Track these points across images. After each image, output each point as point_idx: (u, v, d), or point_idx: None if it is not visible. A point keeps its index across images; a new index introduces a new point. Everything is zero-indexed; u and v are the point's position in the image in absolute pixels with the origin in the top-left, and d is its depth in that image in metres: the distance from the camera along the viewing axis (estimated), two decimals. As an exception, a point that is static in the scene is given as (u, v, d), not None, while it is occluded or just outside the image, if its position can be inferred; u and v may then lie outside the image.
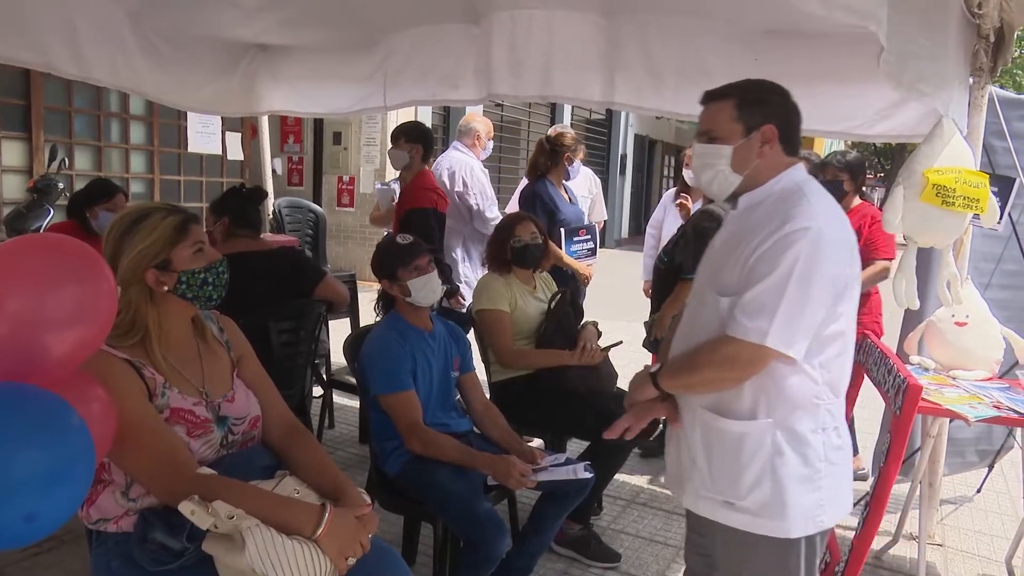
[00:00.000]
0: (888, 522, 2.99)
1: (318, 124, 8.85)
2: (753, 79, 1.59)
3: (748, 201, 1.56)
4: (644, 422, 1.66)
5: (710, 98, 1.59)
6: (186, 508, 1.34)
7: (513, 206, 4.16)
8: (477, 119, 4.23)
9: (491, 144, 4.18)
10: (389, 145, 3.80)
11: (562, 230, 3.69)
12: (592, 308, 4.22)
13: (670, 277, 3.07)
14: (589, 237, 3.74)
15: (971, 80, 2.52)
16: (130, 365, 1.51)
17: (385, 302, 2.45)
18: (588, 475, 2.27)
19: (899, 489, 2.99)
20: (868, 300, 3.39)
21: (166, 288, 1.58)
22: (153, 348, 1.57)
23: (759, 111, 1.52)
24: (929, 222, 2.27)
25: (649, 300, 3.71)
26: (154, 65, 3.57)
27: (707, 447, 1.56)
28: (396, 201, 3.85)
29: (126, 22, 3.36)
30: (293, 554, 1.36)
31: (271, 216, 5.23)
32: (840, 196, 3.15)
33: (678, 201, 3.93)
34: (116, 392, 1.41)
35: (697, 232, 2.91)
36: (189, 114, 7.08)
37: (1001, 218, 2.68)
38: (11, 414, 1.13)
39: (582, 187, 4.31)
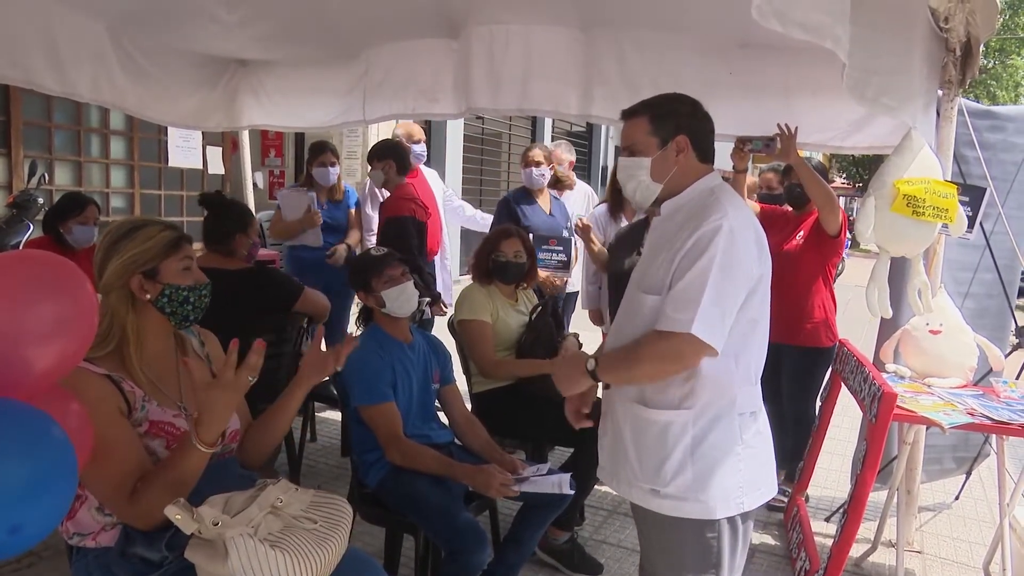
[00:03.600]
0: (867, 529, 3.02)
1: (299, 138, 8.84)
2: (665, 94, 1.69)
3: (669, 208, 1.67)
4: (588, 406, 1.78)
5: (627, 115, 1.69)
6: (171, 512, 1.34)
7: None
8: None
9: (414, 147, 4.09)
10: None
11: (530, 236, 3.71)
12: (577, 320, 4.25)
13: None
14: (561, 249, 3.71)
15: (940, 92, 2.58)
16: (109, 380, 1.51)
17: (365, 314, 2.46)
18: (571, 492, 2.29)
19: (877, 496, 3.02)
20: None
21: (148, 297, 1.59)
22: (131, 358, 1.57)
23: (671, 123, 1.63)
24: (900, 232, 2.32)
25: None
26: (135, 80, 3.57)
27: (635, 438, 1.64)
28: (312, 209, 3.91)
29: (106, 38, 3.35)
30: (276, 564, 1.35)
31: None
32: (805, 200, 3.19)
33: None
34: (87, 410, 1.40)
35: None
36: (169, 129, 7.02)
37: (972, 227, 2.73)
38: None
39: (579, 205, 4.32)
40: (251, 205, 4.87)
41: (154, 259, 1.60)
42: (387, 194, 4.09)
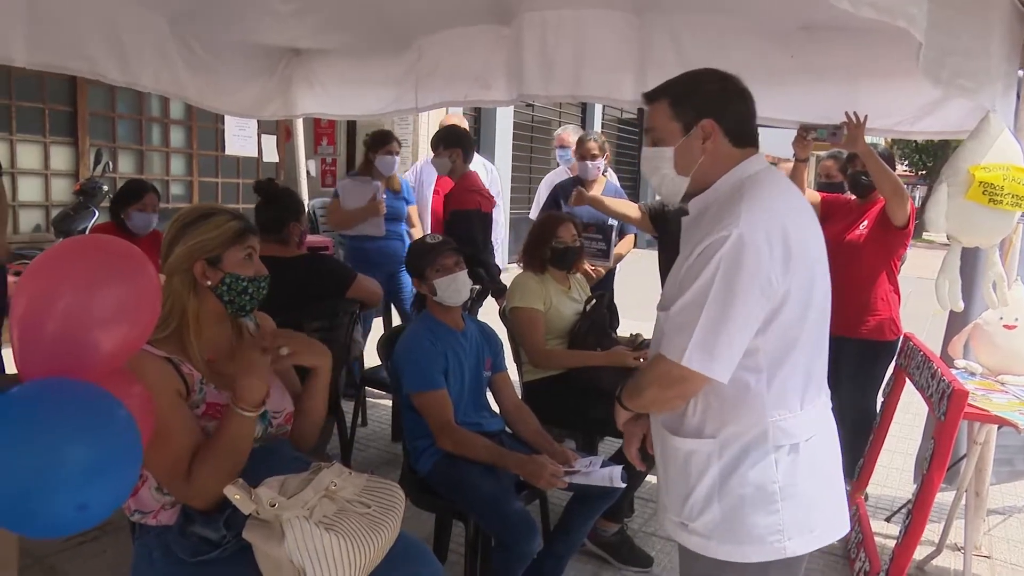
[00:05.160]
0: (932, 531, 2.90)
1: (351, 126, 8.94)
2: (693, 70, 1.46)
3: (696, 208, 1.44)
4: (636, 443, 1.62)
5: (649, 99, 1.47)
6: (231, 492, 1.37)
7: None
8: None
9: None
10: (421, 146, 3.82)
11: None
12: (625, 309, 4.19)
13: None
14: (600, 237, 3.61)
15: (1021, 73, 2.44)
16: (169, 363, 1.55)
17: (419, 301, 2.47)
18: (623, 485, 2.25)
19: (943, 498, 2.90)
20: None
21: (209, 283, 1.63)
22: (190, 341, 1.60)
23: (693, 106, 1.40)
24: (974, 221, 2.20)
25: None
26: (195, 71, 3.66)
27: (664, 465, 1.49)
28: (378, 199, 3.89)
29: (167, 30, 3.45)
30: (331, 547, 1.37)
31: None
32: (870, 188, 3.08)
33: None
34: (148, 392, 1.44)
35: None
36: (226, 118, 7.21)
37: (1052, 217, 2.58)
38: (63, 407, 1.17)
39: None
40: (304, 193, 4.95)
41: (219, 247, 1.63)
42: (429, 180, 4.10)
